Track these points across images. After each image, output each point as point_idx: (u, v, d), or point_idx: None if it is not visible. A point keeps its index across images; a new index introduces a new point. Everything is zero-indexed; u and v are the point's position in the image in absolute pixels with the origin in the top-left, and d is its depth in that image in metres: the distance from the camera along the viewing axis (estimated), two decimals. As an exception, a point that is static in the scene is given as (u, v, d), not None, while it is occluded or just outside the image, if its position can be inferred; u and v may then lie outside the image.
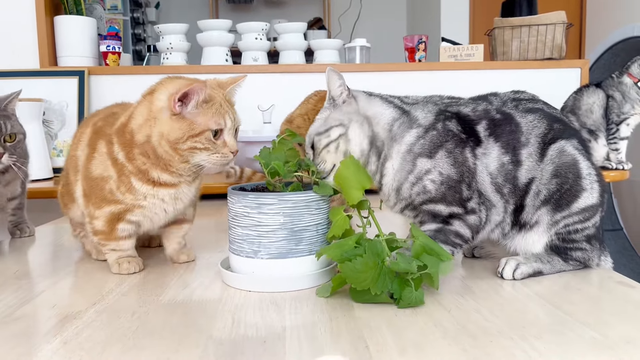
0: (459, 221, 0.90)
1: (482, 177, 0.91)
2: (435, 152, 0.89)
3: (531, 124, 0.93)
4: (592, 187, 0.93)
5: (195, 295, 0.86)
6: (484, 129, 0.92)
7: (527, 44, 2.42)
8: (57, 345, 0.66)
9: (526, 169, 0.91)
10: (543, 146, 0.92)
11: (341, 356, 0.62)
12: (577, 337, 0.66)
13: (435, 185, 0.89)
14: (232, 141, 0.92)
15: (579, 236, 0.93)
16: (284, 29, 2.53)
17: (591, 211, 0.93)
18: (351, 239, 0.81)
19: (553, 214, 0.92)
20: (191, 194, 1.00)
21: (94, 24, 2.43)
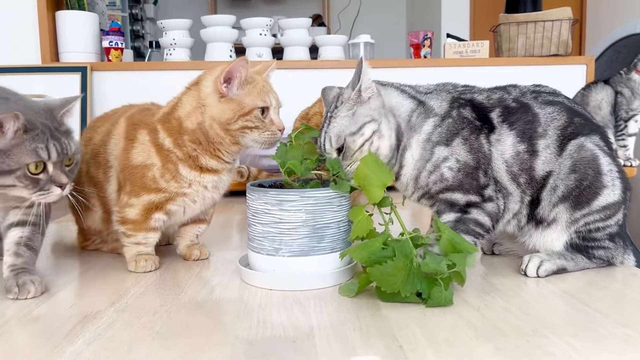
0: (477, 209, 0.90)
1: (498, 164, 0.90)
2: (451, 139, 0.89)
3: (550, 116, 0.92)
4: (613, 184, 0.92)
5: (216, 293, 0.84)
6: (498, 116, 0.92)
7: (533, 40, 2.41)
8: (80, 346, 0.64)
9: (543, 161, 0.90)
10: (562, 140, 0.91)
11: (376, 356, 0.60)
12: (610, 334, 0.65)
13: (453, 172, 0.89)
14: (278, 119, 0.96)
15: (601, 235, 0.92)
16: (289, 25, 2.51)
17: (613, 209, 0.91)
18: (377, 240, 0.80)
19: (572, 211, 0.91)
20: (227, 184, 1.02)
21: (96, 19, 2.40)
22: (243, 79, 0.92)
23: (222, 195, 1.03)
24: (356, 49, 2.59)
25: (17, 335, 0.69)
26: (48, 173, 0.82)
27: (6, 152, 0.78)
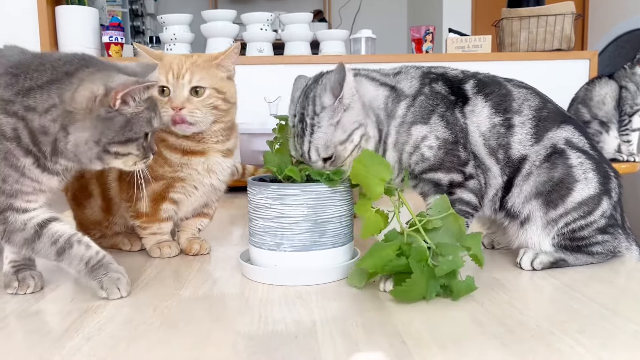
0: (461, 188, 0.90)
1: (475, 137, 0.90)
2: (428, 117, 0.89)
3: (524, 95, 0.92)
4: (586, 177, 0.89)
5: (216, 289, 0.83)
6: (472, 87, 0.92)
7: (536, 34, 2.39)
8: (80, 341, 0.63)
9: (519, 140, 0.90)
10: (538, 122, 0.90)
11: (379, 352, 0.59)
12: (619, 330, 0.64)
13: (433, 151, 0.89)
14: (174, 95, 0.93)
15: (588, 232, 0.89)
16: (290, 20, 2.49)
17: (591, 203, 0.89)
18: (390, 247, 0.77)
19: (547, 210, 0.89)
20: (225, 168, 1.01)
21: (96, 14, 2.39)
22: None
23: (224, 182, 1.03)
24: (357, 44, 2.58)
25: (16, 330, 0.68)
26: (148, 141, 0.82)
27: (131, 121, 0.77)
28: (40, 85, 0.74)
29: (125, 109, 0.77)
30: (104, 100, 0.75)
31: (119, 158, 0.80)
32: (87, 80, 0.75)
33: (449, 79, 0.93)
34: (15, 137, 0.74)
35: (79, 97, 0.74)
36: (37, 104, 0.74)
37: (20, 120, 0.74)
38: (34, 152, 0.76)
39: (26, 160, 0.76)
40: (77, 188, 1.07)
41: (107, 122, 0.76)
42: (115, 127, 0.76)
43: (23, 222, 0.77)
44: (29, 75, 0.75)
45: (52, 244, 0.77)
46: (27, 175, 0.76)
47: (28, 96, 0.74)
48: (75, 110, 0.74)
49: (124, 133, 0.77)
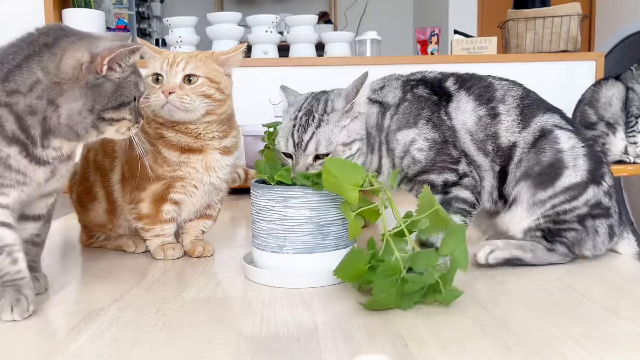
0: (456, 187, 0.91)
1: (462, 135, 0.92)
2: (414, 121, 0.92)
3: (507, 86, 0.95)
4: (575, 163, 0.90)
5: (219, 291, 0.83)
6: (453, 83, 0.95)
7: (542, 36, 2.38)
8: (84, 343, 0.64)
9: (506, 128, 0.91)
10: (523, 110, 0.92)
11: (382, 355, 0.59)
12: (621, 333, 0.64)
13: (423, 152, 0.91)
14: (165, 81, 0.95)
15: (570, 217, 0.90)
16: (295, 22, 2.50)
17: (577, 189, 0.90)
18: (362, 258, 0.76)
19: (534, 191, 0.90)
20: (224, 166, 1.01)
21: (103, 17, 2.40)
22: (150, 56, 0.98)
23: (224, 180, 1.04)
24: (363, 45, 2.58)
25: (21, 331, 0.68)
26: (136, 106, 0.83)
27: (120, 85, 0.78)
28: (18, 64, 0.73)
29: (112, 75, 0.76)
30: (90, 67, 0.74)
31: (113, 124, 0.80)
32: (70, 49, 0.74)
33: (429, 81, 0.97)
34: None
35: (65, 67, 0.73)
36: (19, 85, 0.72)
37: (3, 107, 0.73)
38: (22, 140, 0.74)
39: (10, 150, 0.73)
40: (81, 191, 1.08)
41: (97, 88, 0.75)
42: (106, 93, 0.76)
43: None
44: (5, 60, 0.74)
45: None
46: (10, 166, 0.74)
47: (8, 80, 0.73)
48: (63, 80, 0.73)
49: (116, 98, 0.77)
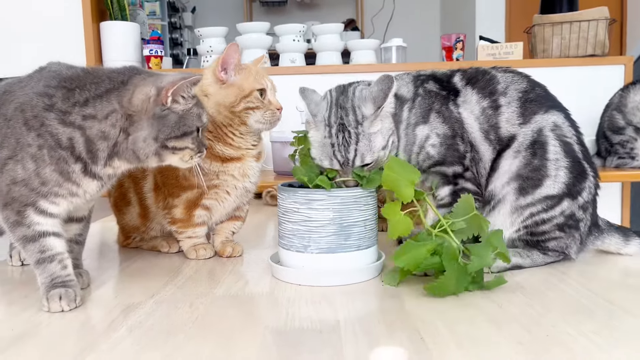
0: (462, 179, 0.97)
1: (470, 122, 0.97)
2: (427, 116, 0.96)
3: (511, 79, 0.98)
4: (556, 174, 0.94)
5: (248, 288, 0.88)
6: (460, 79, 1.00)
7: (569, 40, 2.38)
8: (123, 333, 0.69)
9: (506, 119, 0.95)
10: (525, 103, 0.95)
11: (399, 347, 0.63)
12: (634, 331, 0.66)
13: (436, 149, 0.96)
14: (275, 99, 1.06)
15: (548, 227, 0.94)
16: (321, 31, 2.55)
17: (553, 200, 0.94)
18: (424, 247, 0.83)
19: (518, 195, 0.94)
20: (257, 172, 1.08)
21: (138, 29, 2.51)
22: (237, 63, 1.02)
23: (255, 184, 1.09)
24: (388, 52, 2.62)
25: (66, 323, 0.74)
26: (199, 136, 0.89)
27: (184, 117, 0.85)
28: (99, 95, 0.82)
29: (176, 107, 0.84)
30: (157, 100, 0.82)
31: (176, 153, 0.86)
32: (140, 85, 0.83)
33: (438, 77, 1.01)
34: (69, 146, 0.82)
35: (136, 100, 0.82)
36: (97, 112, 0.82)
37: (76, 129, 0.81)
38: (84, 159, 0.83)
39: (76, 167, 0.83)
40: (117, 196, 1.15)
41: (162, 119, 0.83)
42: (170, 123, 0.84)
43: (30, 222, 0.82)
44: (86, 88, 0.82)
45: (39, 252, 0.82)
46: (72, 180, 0.83)
47: (86, 106, 0.81)
48: (134, 112, 0.82)
49: (179, 128, 0.85)
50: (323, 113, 0.94)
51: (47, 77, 0.85)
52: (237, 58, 1.02)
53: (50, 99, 0.81)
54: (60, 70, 0.87)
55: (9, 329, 0.71)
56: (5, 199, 0.81)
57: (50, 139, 0.80)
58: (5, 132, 0.81)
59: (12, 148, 0.80)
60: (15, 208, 0.81)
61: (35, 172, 0.80)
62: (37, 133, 0.80)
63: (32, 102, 0.81)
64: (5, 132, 0.81)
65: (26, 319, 0.75)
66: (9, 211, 0.82)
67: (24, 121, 0.81)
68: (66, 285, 0.81)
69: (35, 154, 0.80)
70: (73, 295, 0.80)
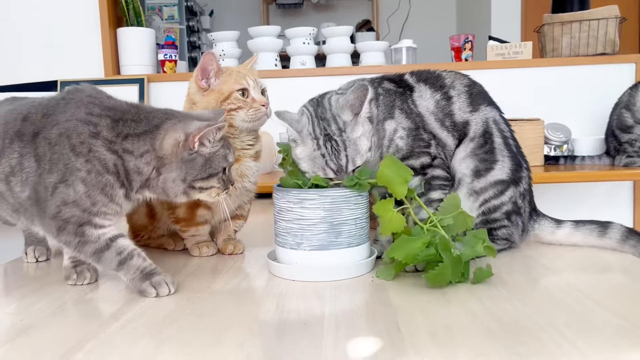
0: (431, 168, 1.03)
1: (427, 116, 1.06)
2: (392, 111, 1.04)
3: (454, 76, 1.09)
4: (503, 160, 1.04)
5: (244, 283, 0.93)
6: (410, 77, 1.10)
7: (578, 39, 2.37)
8: (123, 323, 0.75)
9: (458, 107, 1.06)
10: (471, 96, 1.06)
11: (376, 337, 0.67)
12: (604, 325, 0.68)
13: (404, 140, 1.03)
14: (259, 96, 1.09)
15: (499, 214, 1.04)
16: (331, 33, 2.59)
17: (502, 185, 1.03)
18: (419, 240, 0.87)
19: (473, 178, 1.03)
20: (255, 172, 1.12)
21: (153, 34, 2.58)
22: (216, 69, 1.06)
23: (254, 183, 1.13)
24: (398, 54, 2.64)
25: (72, 313, 0.80)
26: (226, 174, 0.95)
27: (210, 159, 0.91)
28: (137, 134, 0.89)
29: (203, 150, 0.90)
30: (185, 145, 0.88)
31: (203, 192, 0.92)
32: (171, 130, 0.89)
33: (390, 78, 1.10)
34: (115, 172, 0.88)
35: (166, 145, 0.88)
36: (134, 149, 0.88)
37: (119, 158, 0.88)
38: (125, 185, 0.90)
39: (120, 191, 0.90)
40: None
41: (190, 162, 0.89)
42: (197, 166, 0.89)
43: (97, 236, 0.89)
44: (127, 123, 0.89)
45: (117, 254, 0.89)
46: (115, 202, 0.90)
47: (126, 141, 0.88)
48: (165, 155, 0.88)
49: (205, 170, 0.90)
50: (307, 127, 0.96)
51: (88, 104, 0.90)
52: (215, 65, 1.06)
53: (96, 127, 0.88)
54: (100, 98, 0.93)
55: (19, 320, 0.77)
56: (57, 222, 0.87)
57: (98, 164, 0.87)
58: (51, 157, 0.87)
59: (62, 172, 0.86)
60: (71, 231, 0.87)
61: (86, 194, 0.87)
62: (86, 158, 0.86)
63: (77, 129, 0.87)
64: (52, 157, 0.87)
65: (35, 311, 0.81)
66: (66, 236, 0.88)
67: (71, 147, 0.86)
68: (157, 273, 0.89)
69: (84, 177, 0.86)
70: (171, 279, 0.88)
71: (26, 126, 0.90)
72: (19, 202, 0.91)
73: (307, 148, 0.96)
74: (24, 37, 2.60)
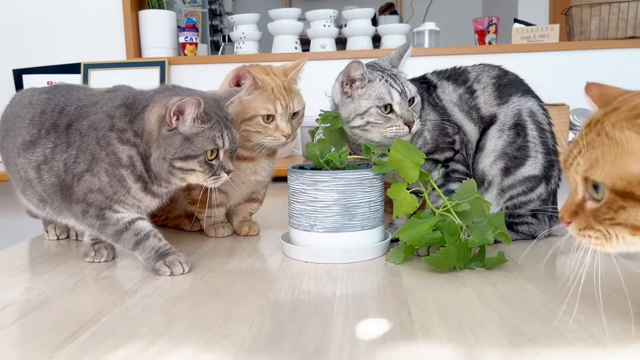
0: (452, 162, 1.04)
1: (451, 108, 1.05)
2: (422, 104, 1.04)
3: (481, 69, 1.07)
4: (536, 156, 1.01)
5: (257, 264, 0.93)
6: (432, 75, 1.10)
7: (608, 22, 2.30)
8: (136, 300, 0.76)
9: (484, 101, 1.04)
10: (499, 87, 1.03)
11: (385, 319, 0.67)
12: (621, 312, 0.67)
13: (431, 133, 1.04)
14: (284, 125, 1.02)
15: (524, 210, 1.02)
16: (352, 15, 2.56)
17: (534, 182, 1.00)
18: (426, 223, 0.86)
19: (503, 177, 1.01)
20: (269, 169, 1.12)
21: (174, 17, 2.59)
22: (249, 85, 1.00)
23: (267, 177, 1.13)
24: (421, 37, 2.60)
25: (89, 289, 0.82)
26: (219, 160, 0.91)
27: (190, 139, 0.87)
28: (138, 112, 0.89)
29: (182, 127, 0.86)
30: (164, 120, 0.86)
31: (186, 174, 0.89)
32: (157, 104, 0.88)
33: (414, 78, 1.09)
34: (130, 165, 0.89)
35: (152, 118, 0.87)
36: (138, 129, 0.88)
37: (133, 147, 0.88)
38: (144, 178, 0.90)
39: (136, 185, 0.90)
40: None
41: (168, 139, 0.86)
42: (175, 144, 0.86)
43: (117, 219, 0.91)
44: (135, 104, 0.89)
45: (134, 235, 0.91)
46: (131, 194, 0.91)
47: (133, 123, 0.88)
48: (152, 131, 0.87)
49: (183, 150, 0.86)
50: (369, 69, 1.03)
51: (115, 98, 0.92)
52: (250, 82, 1.00)
53: (112, 119, 0.89)
54: (128, 90, 0.94)
55: (37, 294, 0.79)
56: (82, 206, 0.90)
57: (114, 158, 0.88)
58: (79, 146, 0.89)
59: (89, 162, 0.89)
60: (93, 214, 0.90)
61: (109, 183, 0.89)
62: (106, 152, 0.88)
63: (101, 123, 0.89)
64: (80, 146, 0.89)
65: (53, 286, 0.83)
66: (89, 218, 0.91)
67: (97, 139, 0.89)
68: (171, 253, 0.90)
69: (107, 169, 0.89)
70: (185, 259, 0.89)
71: (62, 118, 0.93)
72: (45, 189, 0.94)
73: (371, 85, 0.99)
74: (48, 20, 2.64)
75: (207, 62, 2.52)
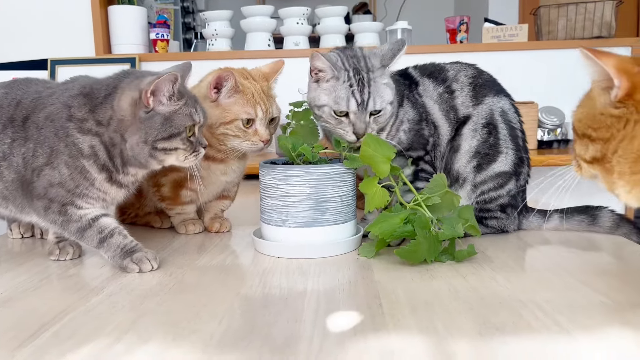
0: (422, 161, 1.04)
1: (431, 105, 1.05)
2: (401, 100, 1.03)
3: (458, 68, 1.07)
4: (507, 152, 1.03)
5: (229, 260, 0.92)
6: (414, 70, 1.09)
7: (575, 22, 2.35)
8: (103, 297, 0.74)
9: (461, 102, 1.04)
10: (475, 88, 1.04)
11: (356, 312, 0.67)
12: (585, 301, 0.68)
13: (407, 134, 1.03)
14: (263, 130, 1.01)
15: (493, 205, 1.04)
16: (325, 13, 2.56)
17: (504, 177, 1.03)
18: (397, 216, 0.87)
19: (476, 173, 1.02)
20: (240, 170, 1.10)
21: (145, 13, 2.55)
22: (230, 88, 0.98)
23: (237, 178, 1.13)
24: (393, 35, 2.62)
25: (54, 288, 0.80)
26: (195, 135, 0.90)
27: (169, 117, 0.86)
28: (100, 101, 0.86)
29: (160, 108, 0.85)
30: (140, 103, 0.85)
31: (169, 154, 0.88)
32: (126, 89, 0.86)
33: (396, 72, 1.07)
34: (92, 154, 0.86)
35: (124, 105, 0.85)
36: (102, 118, 0.86)
37: (95, 136, 0.86)
38: (109, 167, 0.88)
39: (100, 176, 0.88)
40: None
41: (148, 121, 0.85)
42: (156, 125, 0.85)
43: (79, 216, 0.88)
44: (94, 93, 0.87)
45: (98, 233, 0.88)
46: (96, 187, 0.88)
47: (95, 112, 0.86)
48: (124, 117, 0.85)
49: (166, 129, 0.85)
50: (338, 62, 0.96)
51: (72, 88, 0.89)
52: (232, 84, 0.98)
53: (70, 109, 0.86)
54: (85, 79, 0.91)
55: (0, 293, 0.77)
56: (44, 202, 0.87)
57: (74, 149, 0.86)
58: (37, 139, 0.86)
59: (47, 155, 0.86)
60: (55, 209, 0.87)
61: (70, 176, 0.86)
62: (65, 143, 0.86)
63: (58, 113, 0.86)
64: (37, 139, 0.86)
65: (16, 284, 0.81)
66: (52, 214, 0.88)
67: (55, 131, 0.86)
68: (138, 250, 0.87)
69: (67, 161, 0.86)
70: (154, 255, 0.87)
71: (18, 111, 0.90)
72: (6, 186, 0.90)
73: (336, 82, 0.95)
74: (14, 15, 2.56)
75: (178, 58, 2.48)
